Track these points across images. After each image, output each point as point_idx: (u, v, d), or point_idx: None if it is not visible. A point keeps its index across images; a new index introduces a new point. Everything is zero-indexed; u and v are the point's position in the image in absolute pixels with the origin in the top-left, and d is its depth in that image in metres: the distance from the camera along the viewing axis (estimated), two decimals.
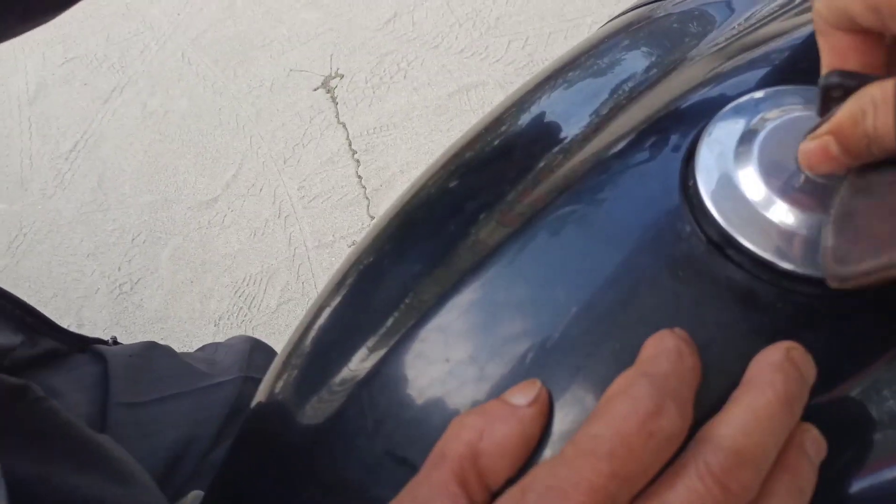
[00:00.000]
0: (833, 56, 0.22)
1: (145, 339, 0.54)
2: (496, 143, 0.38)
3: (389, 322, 0.31)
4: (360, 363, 0.31)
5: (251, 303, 1.32)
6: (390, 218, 0.38)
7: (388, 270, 0.35)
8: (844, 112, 0.22)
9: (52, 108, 1.67)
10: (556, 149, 0.35)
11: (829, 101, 0.23)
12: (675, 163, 0.28)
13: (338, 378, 0.32)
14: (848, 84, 0.22)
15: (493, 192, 0.34)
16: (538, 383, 0.24)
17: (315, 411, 0.32)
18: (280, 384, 0.36)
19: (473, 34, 1.54)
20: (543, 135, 0.37)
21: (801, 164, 0.24)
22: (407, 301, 0.32)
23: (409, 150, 1.41)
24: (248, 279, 1.35)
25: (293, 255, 1.36)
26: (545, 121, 0.38)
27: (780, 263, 0.24)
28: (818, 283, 0.24)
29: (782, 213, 0.25)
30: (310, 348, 0.35)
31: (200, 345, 1.35)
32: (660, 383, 0.21)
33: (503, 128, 0.39)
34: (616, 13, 0.47)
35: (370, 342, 0.31)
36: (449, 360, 0.28)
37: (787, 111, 0.28)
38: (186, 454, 0.46)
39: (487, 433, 0.23)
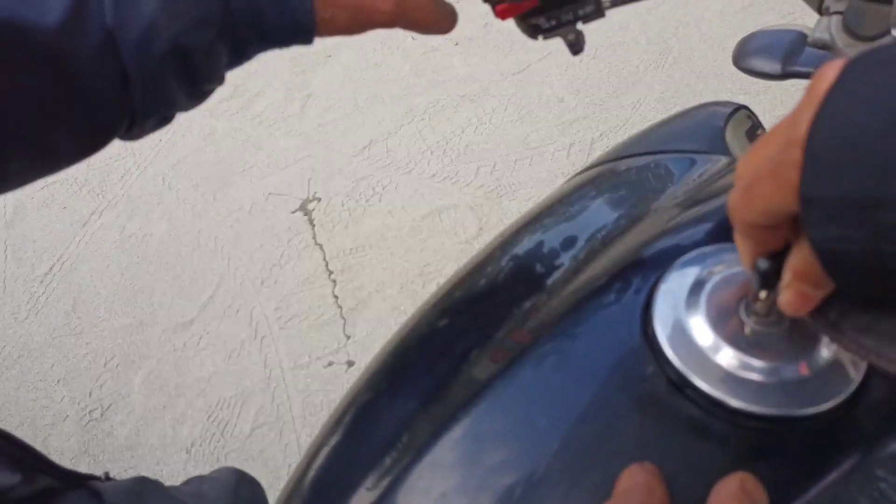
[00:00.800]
0: (755, 246, 0.27)
1: (113, 468, 0.55)
2: (482, 285, 0.43)
3: (387, 460, 0.34)
4: (360, 502, 0.33)
5: (224, 428, 1.31)
6: (385, 357, 0.41)
7: (383, 409, 0.38)
8: (799, 260, 0.26)
9: (30, 230, 1.70)
10: (540, 291, 0.40)
11: (766, 276, 0.27)
12: (637, 310, 0.33)
13: None
14: (777, 261, 0.27)
15: (479, 333, 0.38)
16: None
17: None
18: None
19: (444, 160, 1.64)
20: (527, 278, 0.42)
21: (785, 312, 0.27)
22: (403, 440, 0.35)
23: (384, 270, 1.46)
24: (221, 403, 1.35)
25: (269, 377, 1.37)
26: (527, 265, 0.43)
27: (730, 402, 0.29)
28: (764, 419, 0.28)
29: (729, 357, 0.29)
30: (309, 489, 0.38)
31: (170, 473, 1.32)
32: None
33: (488, 270, 0.44)
34: (575, 158, 0.54)
35: (369, 481, 0.34)
36: (445, 494, 0.31)
37: (730, 265, 0.33)
38: None
39: None
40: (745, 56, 0.63)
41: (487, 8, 0.39)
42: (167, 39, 0.34)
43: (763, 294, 0.29)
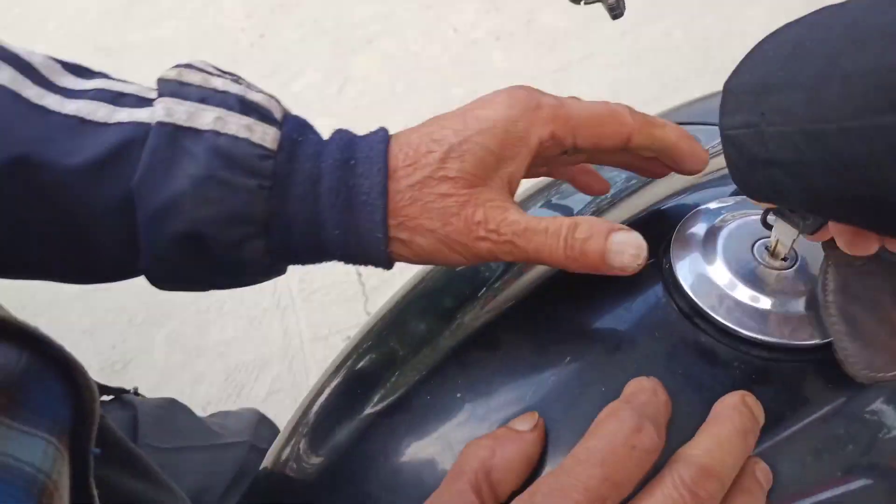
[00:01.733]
0: None
1: None
2: None
3: (399, 377, 0.37)
4: (382, 397, 0.36)
5: (241, 390, 1.35)
6: (389, 309, 0.44)
7: (391, 344, 0.40)
8: None
9: None
10: None
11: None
12: (656, 248, 0.36)
13: (353, 421, 0.37)
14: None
15: (492, 274, 0.41)
16: (536, 414, 0.30)
17: (328, 453, 0.37)
18: (286, 451, 0.41)
19: None
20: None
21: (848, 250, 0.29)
22: (419, 356, 0.38)
23: None
24: (240, 367, 1.39)
25: (287, 347, 1.41)
26: (550, 209, 0.46)
27: (736, 329, 0.31)
28: (767, 346, 0.31)
29: (740, 291, 0.32)
30: (314, 419, 0.40)
31: None
32: (640, 409, 0.27)
33: None
34: None
35: (393, 379, 0.37)
36: (461, 396, 0.33)
37: (738, 217, 0.36)
38: (199, 502, 0.50)
39: (498, 452, 0.28)
40: None
41: (531, 4, 0.41)
42: (185, 222, 0.31)
43: (775, 239, 0.31)
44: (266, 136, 0.31)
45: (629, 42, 1.82)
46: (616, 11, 0.44)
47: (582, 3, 0.43)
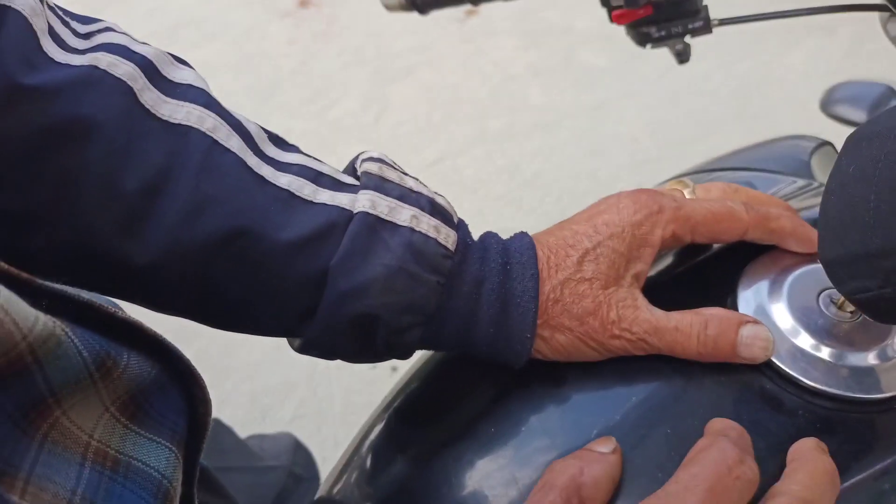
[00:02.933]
0: None
1: None
2: None
3: (456, 418, 0.37)
4: (441, 429, 0.37)
5: (266, 413, 1.37)
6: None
7: (448, 377, 0.41)
8: None
9: None
10: None
11: None
12: (722, 295, 0.37)
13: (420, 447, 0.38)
14: None
15: None
16: (613, 439, 0.32)
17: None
18: (341, 483, 0.42)
19: (511, 184, 1.69)
20: None
21: None
22: (479, 389, 0.38)
23: None
24: (266, 389, 1.41)
25: (314, 372, 1.42)
26: None
27: (801, 379, 0.32)
28: (831, 398, 0.32)
29: (805, 341, 0.33)
30: (368, 450, 0.41)
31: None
32: (737, 443, 0.28)
33: None
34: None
35: (452, 412, 0.38)
36: (524, 429, 0.34)
37: (812, 260, 0.37)
38: None
39: (586, 471, 0.30)
40: (833, 103, 0.67)
41: (570, 41, 0.43)
42: (369, 306, 0.33)
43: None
44: (448, 238, 0.35)
45: (667, 83, 1.85)
46: (682, 57, 0.46)
47: (648, 46, 0.45)
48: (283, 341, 0.39)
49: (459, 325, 0.35)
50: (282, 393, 1.40)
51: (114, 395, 0.26)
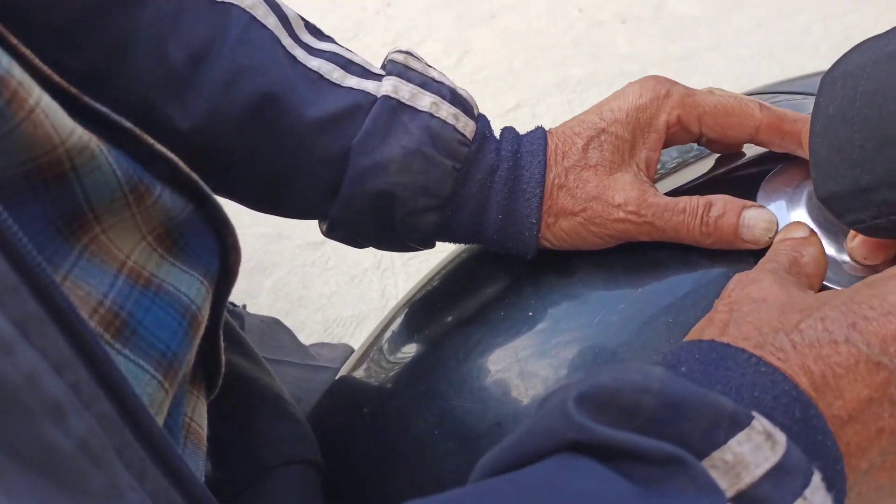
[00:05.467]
0: None
1: None
2: None
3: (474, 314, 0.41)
4: (457, 313, 0.41)
5: (337, 342, 1.45)
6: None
7: (467, 273, 0.44)
8: None
9: None
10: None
11: None
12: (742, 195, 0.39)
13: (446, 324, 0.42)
14: None
15: None
16: (803, 223, 0.35)
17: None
18: (364, 360, 0.46)
19: None
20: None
21: (859, 260, 0.34)
22: (495, 279, 0.41)
23: None
24: (338, 320, 1.49)
25: (384, 306, 1.49)
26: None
27: (828, 284, 0.35)
28: None
29: (829, 249, 0.35)
30: (391, 333, 0.45)
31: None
32: None
33: None
34: None
35: (468, 299, 0.41)
36: (532, 315, 0.38)
37: None
38: None
39: (802, 250, 0.33)
40: None
41: None
42: (387, 183, 0.36)
43: None
44: (467, 126, 0.37)
45: (762, 35, 1.79)
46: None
47: None
48: (358, 275, 0.44)
49: (472, 212, 0.38)
50: (353, 324, 1.48)
51: (150, 225, 0.29)
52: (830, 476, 0.24)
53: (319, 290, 1.55)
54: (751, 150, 0.42)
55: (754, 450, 0.22)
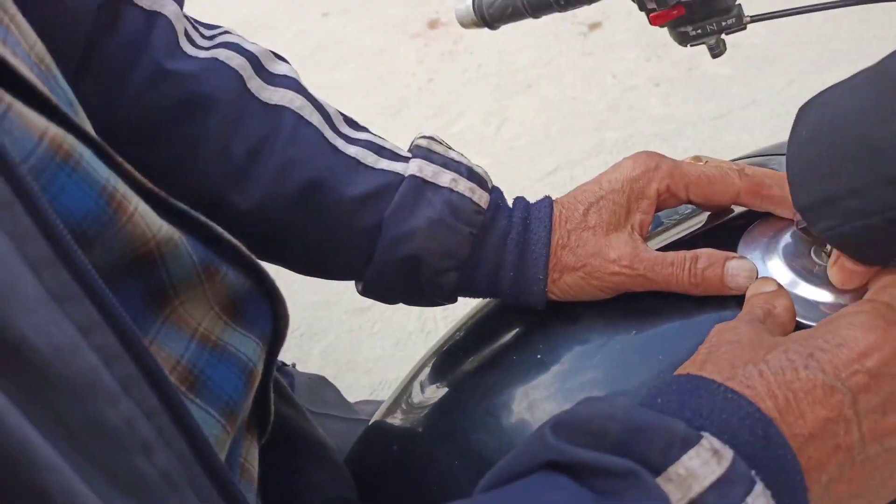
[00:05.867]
0: None
1: None
2: None
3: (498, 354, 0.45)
4: (475, 362, 0.45)
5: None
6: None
7: (484, 327, 0.49)
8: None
9: None
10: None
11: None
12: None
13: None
14: None
15: None
16: (772, 280, 0.39)
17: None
18: (396, 407, 0.50)
19: None
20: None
21: (835, 284, 0.37)
22: (509, 330, 0.46)
23: None
24: (384, 383, 1.53)
25: None
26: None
27: (805, 322, 0.37)
28: None
29: (801, 287, 0.38)
30: (422, 379, 0.50)
31: None
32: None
33: None
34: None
35: (485, 349, 0.45)
36: (541, 357, 0.42)
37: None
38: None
39: (774, 303, 0.36)
40: None
41: (692, 51, 0.49)
42: (414, 249, 0.42)
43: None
44: (482, 198, 0.44)
45: (796, 90, 1.81)
46: (715, 52, 0.51)
47: (689, 45, 0.51)
48: (403, 338, 0.50)
49: (489, 271, 0.44)
50: (397, 386, 1.51)
51: (217, 298, 0.35)
52: (790, 485, 0.28)
53: (366, 354, 1.60)
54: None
55: (703, 464, 0.27)
